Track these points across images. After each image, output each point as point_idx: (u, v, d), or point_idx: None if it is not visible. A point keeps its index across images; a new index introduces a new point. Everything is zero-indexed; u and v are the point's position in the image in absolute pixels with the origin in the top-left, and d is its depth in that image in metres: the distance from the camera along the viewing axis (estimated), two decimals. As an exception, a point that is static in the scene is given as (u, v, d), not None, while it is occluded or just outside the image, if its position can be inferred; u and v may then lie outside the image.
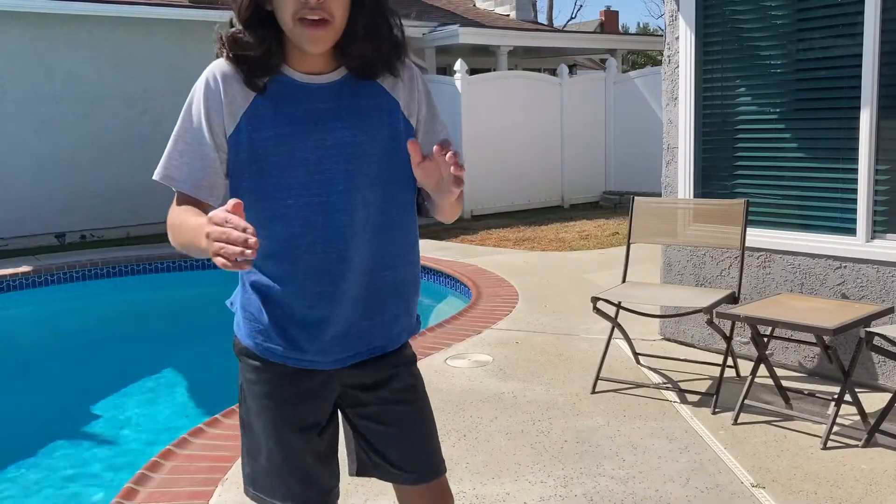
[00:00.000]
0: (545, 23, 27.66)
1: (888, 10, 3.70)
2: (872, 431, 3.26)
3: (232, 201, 1.29)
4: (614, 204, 11.92)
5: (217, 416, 3.69)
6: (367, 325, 1.65)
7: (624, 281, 4.29)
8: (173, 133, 1.58)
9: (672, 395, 3.90)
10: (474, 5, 16.80)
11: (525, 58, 16.45)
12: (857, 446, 3.24)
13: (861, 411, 3.45)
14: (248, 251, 1.23)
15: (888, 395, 3.63)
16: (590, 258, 7.77)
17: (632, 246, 4.34)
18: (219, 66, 1.56)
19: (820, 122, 4.03)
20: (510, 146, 11.42)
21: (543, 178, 11.79)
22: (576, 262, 7.55)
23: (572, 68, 15.74)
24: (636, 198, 4.32)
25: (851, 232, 3.93)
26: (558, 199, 12.02)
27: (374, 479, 2.89)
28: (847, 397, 3.41)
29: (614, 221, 10.19)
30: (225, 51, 1.55)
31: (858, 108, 3.83)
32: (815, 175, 4.08)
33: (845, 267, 3.94)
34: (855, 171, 3.89)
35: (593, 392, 3.96)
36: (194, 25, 10.63)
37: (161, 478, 3.10)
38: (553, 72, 12.71)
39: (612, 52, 15.57)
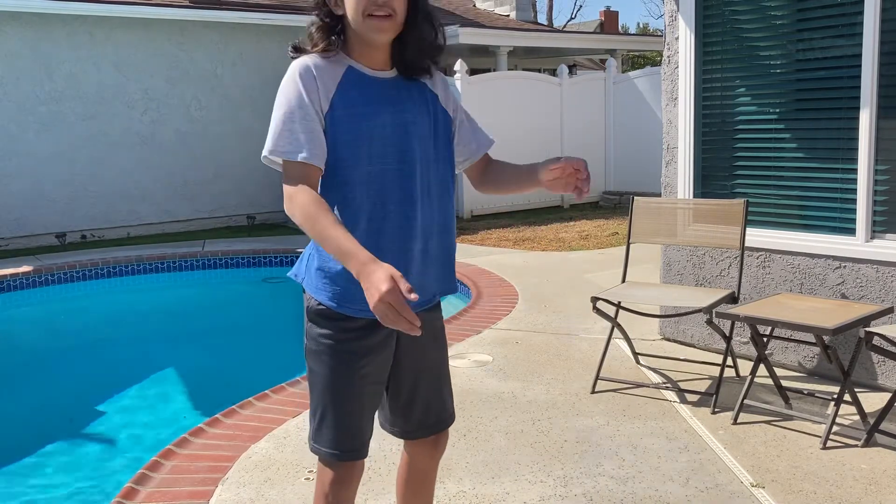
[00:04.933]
0: (545, 23, 27.67)
1: (888, 10, 3.71)
2: (872, 431, 3.26)
3: (406, 287, 1.52)
4: (614, 204, 11.92)
5: (217, 415, 3.69)
6: (425, 280, 1.94)
7: (624, 281, 4.30)
8: (277, 119, 1.78)
9: (672, 395, 3.90)
10: (474, 5, 16.79)
11: (525, 58, 16.45)
12: (856, 446, 3.24)
13: (861, 411, 3.45)
14: (415, 331, 1.53)
15: (888, 395, 3.64)
16: (589, 258, 7.77)
17: (632, 246, 4.34)
18: (308, 58, 1.82)
19: (820, 122, 4.04)
20: (509, 146, 11.34)
21: (543, 178, 11.78)
22: (575, 262, 7.55)
23: (572, 68, 15.75)
24: (636, 198, 4.33)
25: (851, 232, 3.93)
26: (558, 199, 12.01)
27: (373, 479, 2.88)
28: (846, 397, 3.42)
29: (614, 221, 10.19)
30: (312, 44, 1.83)
31: (858, 108, 3.83)
32: (814, 175, 4.08)
33: (845, 267, 3.95)
34: (854, 171, 3.90)
35: (593, 392, 3.96)
36: (194, 25, 10.61)
37: (161, 478, 3.10)
38: (553, 72, 12.70)
39: (611, 52, 15.57)
